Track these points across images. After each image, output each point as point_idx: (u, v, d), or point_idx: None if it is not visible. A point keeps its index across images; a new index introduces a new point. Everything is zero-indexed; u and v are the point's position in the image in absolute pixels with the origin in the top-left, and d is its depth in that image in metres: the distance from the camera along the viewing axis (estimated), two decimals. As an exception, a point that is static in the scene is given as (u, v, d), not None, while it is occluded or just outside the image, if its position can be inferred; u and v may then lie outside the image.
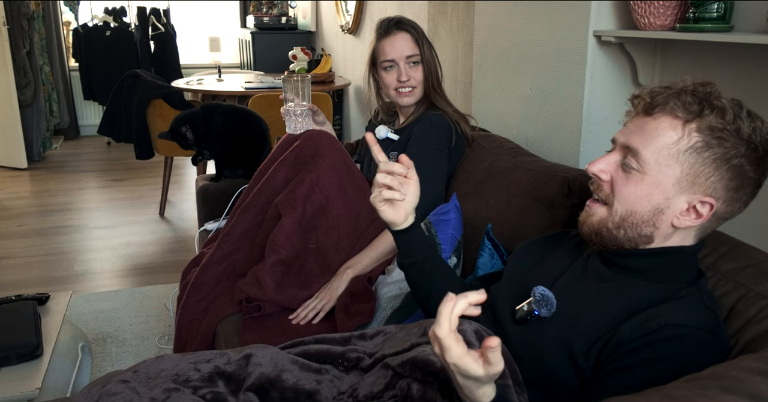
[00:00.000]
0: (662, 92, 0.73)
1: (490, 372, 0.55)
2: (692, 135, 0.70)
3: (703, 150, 0.70)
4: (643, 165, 0.72)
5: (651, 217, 0.72)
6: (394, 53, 1.32)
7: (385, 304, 1.14)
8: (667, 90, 0.73)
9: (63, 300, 1.39)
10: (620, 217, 0.74)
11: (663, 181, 0.71)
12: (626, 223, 0.73)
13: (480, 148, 1.38)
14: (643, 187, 0.72)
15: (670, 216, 0.72)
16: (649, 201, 0.72)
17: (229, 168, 1.86)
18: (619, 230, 0.74)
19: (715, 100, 0.70)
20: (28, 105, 3.76)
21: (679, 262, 0.75)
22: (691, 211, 0.72)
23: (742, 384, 0.56)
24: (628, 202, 0.73)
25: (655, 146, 0.71)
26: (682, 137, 0.70)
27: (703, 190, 0.71)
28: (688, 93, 0.71)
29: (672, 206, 0.72)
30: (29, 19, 3.75)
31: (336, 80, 3.29)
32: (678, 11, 1.09)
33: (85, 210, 3.02)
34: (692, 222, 0.72)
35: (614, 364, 0.69)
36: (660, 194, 0.71)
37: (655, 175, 0.71)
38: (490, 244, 1.10)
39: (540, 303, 0.75)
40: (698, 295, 0.72)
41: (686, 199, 0.71)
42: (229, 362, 0.83)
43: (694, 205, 0.71)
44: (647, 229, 0.73)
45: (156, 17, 4.34)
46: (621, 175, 0.74)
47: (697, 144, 0.70)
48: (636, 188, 0.72)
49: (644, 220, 0.73)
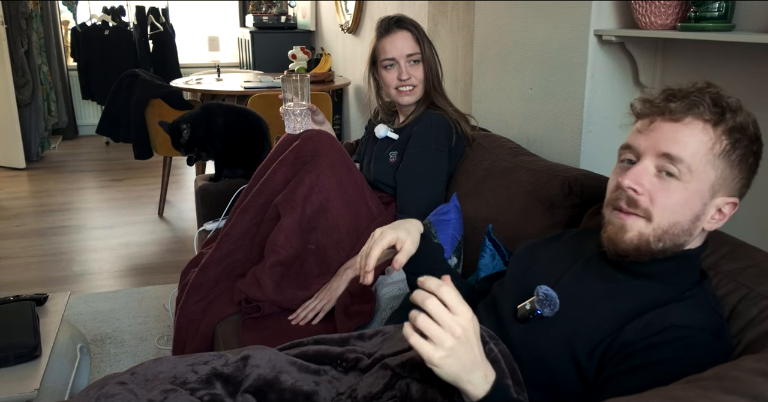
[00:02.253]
0: (681, 95, 0.71)
1: (444, 345, 0.56)
2: (722, 138, 0.70)
3: (731, 153, 0.70)
4: (685, 173, 0.69)
5: (690, 226, 0.71)
6: (394, 52, 1.31)
7: (385, 305, 1.14)
8: (684, 93, 0.71)
9: (61, 300, 1.38)
10: (663, 230, 0.70)
11: (700, 188, 0.70)
12: (668, 235, 0.71)
13: (480, 148, 1.37)
14: (688, 195, 0.70)
15: (703, 221, 0.72)
16: (691, 209, 0.71)
17: (228, 168, 1.85)
18: (658, 243, 0.71)
19: (725, 101, 0.71)
20: (26, 105, 3.76)
21: (686, 264, 0.75)
22: (718, 213, 0.73)
23: (743, 385, 0.56)
24: (671, 213, 0.70)
25: (691, 153, 0.69)
26: (715, 142, 0.70)
27: (729, 192, 0.72)
28: (706, 95, 0.71)
29: (707, 212, 0.72)
30: (27, 18, 3.74)
31: (335, 80, 3.28)
32: (679, 10, 1.08)
33: (84, 210, 3.01)
34: (718, 223, 0.73)
35: (618, 366, 0.69)
36: (699, 201, 0.71)
37: (696, 182, 0.70)
38: (491, 245, 1.09)
39: (543, 302, 0.75)
40: (703, 296, 0.72)
41: (717, 203, 0.72)
42: (226, 364, 0.83)
43: (720, 208, 0.72)
44: (684, 238, 0.72)
45: (155, 16, 4.33)
46: (658, 185, 0.70)
47: (726, 147, 0.70)
48: (681, 197, 0.70)
49: (684, 230, 0.71)
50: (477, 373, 0.59)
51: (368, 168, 1.44)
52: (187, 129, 1.79)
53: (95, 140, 4.45)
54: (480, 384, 0.59)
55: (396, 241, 0.80)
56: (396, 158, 1.36)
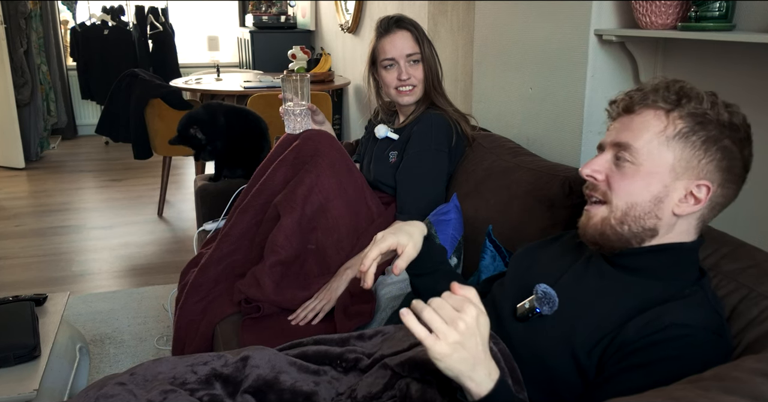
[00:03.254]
0: (638, 91, 0.76)
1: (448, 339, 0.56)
2: (677, 122, 0.72)
3: (690, 134, 0.72)
4: (637, 157, 0.73)
5: (652, 208, 0.73)
6: (394, 52, 1.31)
7: (385, 305, 1.14)
8: (641, 89, 0.76)
9: (61, 301, 1.38)
10: (622, 212, 0.74)
11: (658, 170, 0.73)
12: (629, 217, 0.74)
13: (480, 148, 1.37)
14: (640, 178, 0.73)
15: (669, 204, 0.73)
16: (648, 191, 0.73)
17: (227, 168, 1.85)
18: (623, 226, 0.74)
19: (690, 91, 0.73)
20: (25, 104, 3.75)
21: (680, 259, 0.75)
22: (689, 196, 0.73)
23: (743, 385, 0.56)
24: (628, 195, 0.74)
25: (645, 137, 0.73)
26: (668, 125, 0.73)
27: (696, 174, 0.72)
28: (663, 88, 0.74)
29: (671, 194, 0.73)
30: (27, 18, 3.74)
31: (335, 79, 3.28)
32: (679, 10, 1.08)
33: (83, 210, 3.01)
34: (692, 208, 0.73)
35: (618, 364, 0.69)
36: (657, 183, 0.73)
37: (650, 165, 0.73)
38: (491, 246, 1.09)
39: (542, 300, 0.75)
40: (702, 294, 0.72)
41: (683, 184, 0.73)
42: (226, 364, 0.83)
43: (690, 191, 0.73)
44: (650, 221, 0.74)
45: (154, 16, 4.33)
46: (615, 171, 0.75)
47: (683, 129, 0.72)
48: (633, 180, 0.73)
49: (646, 212, 0.73)
50: (480, 370, 0.59)
51: (368, 168, 1.43)
52: (196, 130, 1.78)
53: (94, 140, 4.44)
54: (483, 381, 0.59)
55: (396, 246, 0.81)
56: (396, 158, 1.36)
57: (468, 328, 0.57)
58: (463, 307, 0.58)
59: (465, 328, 0.57)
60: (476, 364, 0.59)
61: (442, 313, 0.58)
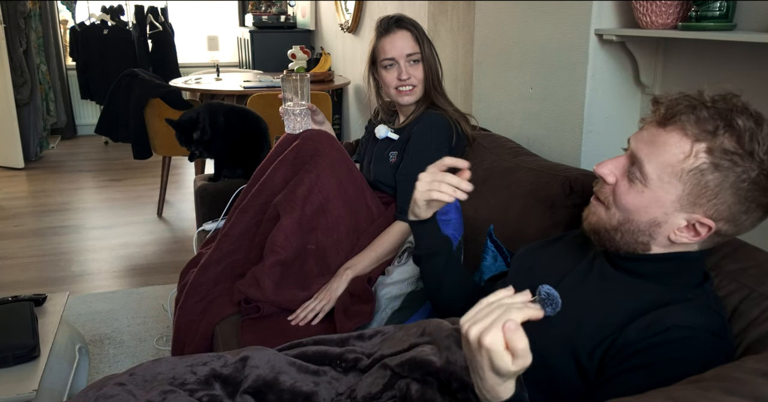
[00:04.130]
0: (680, 103, 0.70)
1: (519, 366, 0.54)
2: (699, 156, 0.68)
3: (708, 172, 0.68)
4: (646, 178, 0.71)
5: (647, 228, 0.72)
6: (394, 52, 1.31)
7: (385, 305, 1.14)
8: (685, 101, 0.70)
9: (60, 301, 1.38)
10: (617, 222, 0.74)
11: (663, 198, 0.70)
12: (623, 228, 0.74)
13: (480, 148, 1.37)
14: (643, 200, 0.71)
15: (667, 230, 0.72)
16: (647, 213, 0.72)
17: (227, 168, 1.85)
18: (616, 233, 0.74)
19: (735, 118, 0.67)
20: (24, 104, 3.75)
21: (686, 267, 0.75)
22: (690, 228, 0.71)
23: (744, 385, 0.56)
24: (626, 211, 0.73)
25: (660, 162, 0.70)
26: (688, 157, 0.68)
27: (703, 211, 0.69)
28: (705, 108, 0.68)
29: (670, 221, 0.71)
30: (26, 17, 3.73)
31: (335, 79, 3.28)
32: (680, 10, 1.08)
33: (83, 210, 3.01)
34: (689, 239, 0.72)
35: (620, 366, 0.69)
36: (658, 209, 0.71)
37: (656, 190, 0.70)
38: (492, 246, 1.09)
39: (545, 301, 0.74)
40: (704, 298, 0.72)
41: (685, 217, 0.70)
42: (225, 365, 0.83)
43: (693, 224, 0.71)
44: (643, 238, 0.73)
45: (154, 16, 4.33)
46: (624, 182, 0.73)
47: (702, 165, 0.68)
48: (635, 199, 0.72)
49: (640, 230, 0.73)
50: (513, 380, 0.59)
51: (368, 168, 1.43)
52: (199, 129, 1.77)
53: (94, 140, 4.44)
54: (509, 390, 0.59)
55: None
56: (396, 158, 1.36)
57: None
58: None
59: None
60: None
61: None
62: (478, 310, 0.58)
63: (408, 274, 1.15)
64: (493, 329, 0.54)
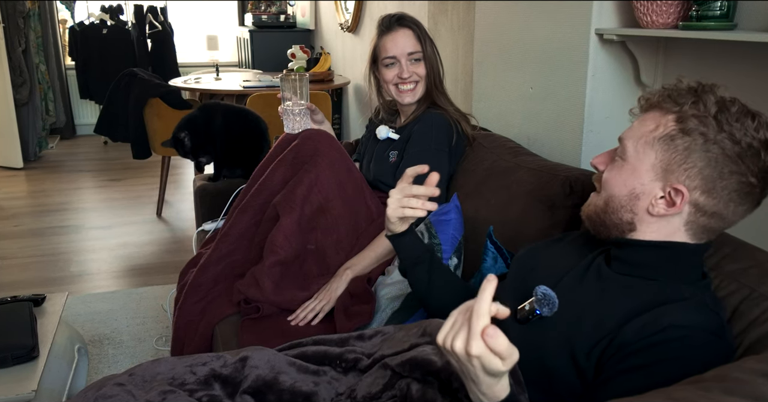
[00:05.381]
0: (665, 90, 0.75)
1: (509, 364, 0.55)
2: (669, 124, 0.73)
3: (677, 137, 0.72)
4: (624, 152, 0.76)
5: (627, 202, 0.76)
6: (395, 50, 1.31)
7: (385, 306, 1.14)
8: (669, 88, 0.75)
9: (59, 301, 1.37)
10: (603, 202, 0.78)
11: (639, 168, 0.74)
12: (608, 207, 0.77)
13: (481, 148, 1.37)
14: (622, 173, 0.76)
15: (645, 202, 0.74)
16: (625, 186, 0.75)
17: (227, 168, 1.84)
18: (605, 215, 0.78)
19: (706, 93, 0.72)
20: (24, 104, 3.74)
21: (681, 259, 0.75)
22: (667, 199, 0.74)
23: (744, 385, 0.55)
24: (609, 187, 0.77)
25: (636, 135, 0.75)
26: (658, 126, 0.74)
27: (676, 178, 0.72)
28: (680, 89, 0.74)
29: (647, 192, 0.74)
30: (25, 17, 3.73)
31: (335, 79, 3.27)
32: (681, 9, 1.08)
33: (82, 210, 3.00)
34: (666, 210, 0.74)
35: (617, 366, 0.69)
36: (635, 179, 0.75)
37: (633, 162, 0.75)
38: (492, 248, 1.09)
39: (542, 302, 0.74)
40: (702, 297, 0.72)
41: (660, 186, 0.74)
42: (225, 365, 0.83)
43: (669, 192, 0.73)
44: (626, 215, 0.76)
45: (153, 15, 4.32)
46: (611, 164, 0.78)
47: (671, 132, 0.72)
48: (616, 174, 0.76)
49: (622, 205, 0.76)
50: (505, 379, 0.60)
51: (368, 167, 1.43)
52: (186, 136, 1.77)
53: (93, 140, 4.43)
54: (505, 388, 0.60)
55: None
56: (396, 158, 1.36)
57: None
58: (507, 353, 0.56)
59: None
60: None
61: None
62: (452, 322, 0.58)
63: (408, 274, 1.15)
64: (475, 338, 0.55)
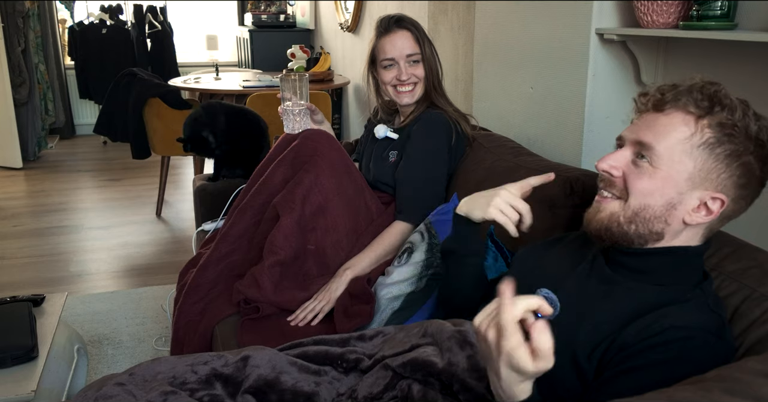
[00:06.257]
0: (672, 89, 0.74)
1: (539, 367, 0.54)
2: (705, 131, 0.71)
3: (716, 146, 0.70)
4: (657, 159, 0.72)
5: (663, 213, 0.73)
6: (394, 52, 1.30)
7: (385, 306, 1.13)
8: (676, 87, 0.74)
9: (58, 301, 1.37)
10: (633, 212, 0.73)
11: (675, 176, 0.72)
12: (639, 217, 0.73)
13: (481, 148, 1.37)
14: (656, 181, 0.72)
15: (682, 212, 0.73)
16: (662, 196, 0.72)
17: (227, 168, 1.84)
18: (630, 225, 0.74)
19: (724, 98, 0.71)
20: (23, 104, 3.74)
21: (685, 263, 0.75)
22: (702, 207, 0.72)
23: (745, 386, 0.55)
24: (642, 196, 0.73)
25: (669, 141, 0.72)
26: (695, 133, 0.71)
27: (714, 187, 0.71)
28: (697, 90, 0.72)
29: (684, 202, 0.72)
30: (24, 16, 3.73)
31: (335, 79, 3.27)
32: (681, 9, 1.08)
33: (81, 210, 3.00)
34: (703, 219, 0.72)
35: (618, 367, 0.68)
36: (672, 189, 0.72)
37: (668, 169, 0.72)
38: (493, 247, 1.09)
39: None
40: (703, 298, 0.72)
41: (698, 195, 0.72)
42: (226, 364, 0.82)
43: (705, 202, 0.72)
44: (658, 226, 0.73)
45: (153, 15, 4.32)
46: (633, 170, 0.74)
47: (709, 140, 0.70)
48: (649, 183, 0.72)
49: (656, 216, 0.73)
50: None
51: (367, 167, 1.43)
52: (207, 133, 1.76)
53: (92, 140, 4.43)
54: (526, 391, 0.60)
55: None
56: (395, 158, 1.35)
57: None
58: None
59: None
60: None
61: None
62: (493, 308, 0.58)
63: (408, 275, 1.15)
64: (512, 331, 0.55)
